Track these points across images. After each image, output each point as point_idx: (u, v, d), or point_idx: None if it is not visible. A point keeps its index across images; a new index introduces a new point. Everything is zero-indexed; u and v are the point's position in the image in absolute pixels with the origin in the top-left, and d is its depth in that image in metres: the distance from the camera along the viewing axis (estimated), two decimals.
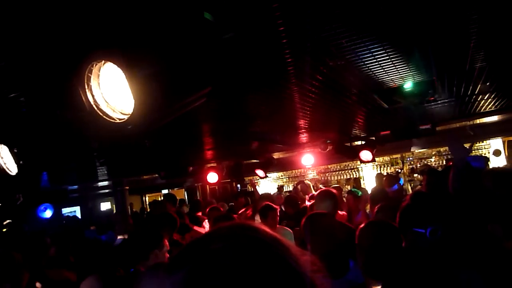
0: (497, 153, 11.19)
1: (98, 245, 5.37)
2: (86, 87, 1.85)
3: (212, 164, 9.89)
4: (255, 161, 9.72)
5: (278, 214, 4.99)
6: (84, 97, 1.86)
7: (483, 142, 11.53)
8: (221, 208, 7.11)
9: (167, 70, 1.73)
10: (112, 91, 1.93)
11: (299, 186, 8.86)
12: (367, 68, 3.65)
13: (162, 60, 1.72)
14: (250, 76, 3.58)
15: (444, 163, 11.50)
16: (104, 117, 1.87)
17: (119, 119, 1.86)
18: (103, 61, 1.78)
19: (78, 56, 1.79)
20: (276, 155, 10.29)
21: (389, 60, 3.51)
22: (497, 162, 10.89)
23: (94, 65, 1.82)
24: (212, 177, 9.47)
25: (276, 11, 2.27)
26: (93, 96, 1.88)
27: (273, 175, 13.79)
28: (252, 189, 8.40)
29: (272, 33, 2.57)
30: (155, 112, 1.81)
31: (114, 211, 12.27)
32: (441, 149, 11.79)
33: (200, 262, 0.69)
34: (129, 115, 1.82)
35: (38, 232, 6.45)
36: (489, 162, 9.92)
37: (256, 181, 13.09)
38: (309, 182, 9.61)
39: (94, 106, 1.87)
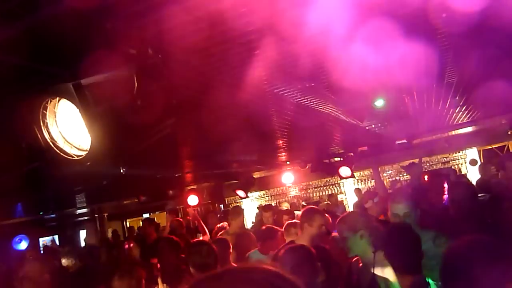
0: (473, 162, 11.38)
1: None
2: (41, 124, 1.79)
3: (192, 187, 9.76)
4: (235, 181, 9.64)
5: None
6: (40, 134, 1.79)
7: (459, 152, 11.73)
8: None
9: (124, 105, 1.69)
10: (70, 127, 1.87)
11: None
12: None
13: (118, 95, 1.67)
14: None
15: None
16: (62, 154, 1.81)
17: (77, 156, 1.80)
18: (57, 98, 1.73)
19: (31, 94, 1.73)
20: (256, 175, 10.23)
21: None
22: (474, 171, 11.06)
23: (49, 102, 1.76)
24: (193, 200, 9.30)
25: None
26: (49, 133, 1.81)
27: (255, 194, 13.69)
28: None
29: None
30: (114, 147, 1.76)
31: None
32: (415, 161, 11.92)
33: None
34: (87, 151, 1.76)
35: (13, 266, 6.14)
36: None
37: (238, 201, 12.97)
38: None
39: (50, 143, 1.81)
